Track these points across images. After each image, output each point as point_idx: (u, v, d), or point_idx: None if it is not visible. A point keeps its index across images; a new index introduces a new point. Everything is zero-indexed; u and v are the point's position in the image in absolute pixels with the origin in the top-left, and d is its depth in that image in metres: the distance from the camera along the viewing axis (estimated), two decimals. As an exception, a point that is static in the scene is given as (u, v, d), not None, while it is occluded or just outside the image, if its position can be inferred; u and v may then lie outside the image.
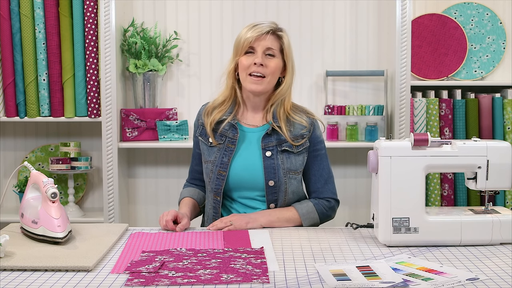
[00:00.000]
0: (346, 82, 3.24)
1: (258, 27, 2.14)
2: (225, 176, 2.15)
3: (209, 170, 2.18)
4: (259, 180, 2.15)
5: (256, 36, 2.12)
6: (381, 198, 1.84)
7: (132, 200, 3.30)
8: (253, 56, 2.13)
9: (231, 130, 2.18)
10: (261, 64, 2.12)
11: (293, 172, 2.17)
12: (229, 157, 2.16)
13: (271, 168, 2.14)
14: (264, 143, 2.16)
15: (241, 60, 2.15)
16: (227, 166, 2.15)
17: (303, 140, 2.18)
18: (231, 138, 2.18)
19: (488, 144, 1.85)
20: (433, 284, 1.48)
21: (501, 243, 1.84)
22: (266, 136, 2.17)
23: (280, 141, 2.16)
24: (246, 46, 2.13)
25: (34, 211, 1.84)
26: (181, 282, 1.48)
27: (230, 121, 2.18)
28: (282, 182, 2.15)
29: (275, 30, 2.16)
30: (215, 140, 2.19)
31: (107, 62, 2.96)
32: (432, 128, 3.04)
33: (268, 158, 2.15)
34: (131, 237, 1.93)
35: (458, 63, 3.13)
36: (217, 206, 2.18)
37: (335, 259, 1.71)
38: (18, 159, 3.28)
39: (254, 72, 2.12)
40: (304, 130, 2.19)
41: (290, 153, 2.17)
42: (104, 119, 2.99)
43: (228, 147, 2.17)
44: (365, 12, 3.21)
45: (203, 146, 2.23)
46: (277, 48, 2.16)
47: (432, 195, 3.06)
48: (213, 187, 2.17)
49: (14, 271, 1.58)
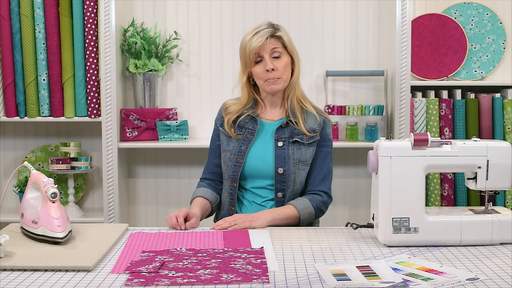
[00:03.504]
0: (346, 82, 3.24)
1: (258, 35, 2.24)
2: (242, 163, 2.27)
3: (227, 158, 2.30)
4: (270, 168, 2.26)
5: (260, 46, 2.24)
6: (381, 198, 1.84)
7: (132, 200, 3.30)
8: (263, 64, 2.25)
9: (251, 122, 2.32)
10: (273, 69, 2.23)
11: (302, 163, 2.27)
12: (247, 146, 2.28)
13: (282, 157, 2.25)
14: (277, 135, 2.29)
15: (254, 71, 2.27)
16: (244, 154, 2.27)
17: (314, 134, 2.29)
18: (250, 129, 2.31)
19: (488, 144, 1.85)
20: (433, 284, 1.48)
21: (501, 243, 1.84)
22: (280, 128, 2.29)
23: (293, 134, 2.28)
24: (254, 57, 2.25)
25: (34, 211, 1.84)
26: (181, 282, 1.48)
27: (250, 114, 2.32)
28: (291, 171, 2.25)
29: (273, 33, 2.27)
30: (234, 132, 2.31)
31: (107, 62, 2.96)
32: (432, 128, 3.04)
33: (279, 147, 2.27)
34: (131, 237, 1.93)
35: (458, 63, 3.13)
36: (233, 192, 2.29)
37: (335, 259, 1.71)
38: (18, 159, 3.28)
39: (270, 78, 2.25)
40: (316, 125, 2.30)
41: (301, 144, 2.27)
42: (104, 119, 2.99)
43: (247, 137, 2.30)
44: (365, 12, 3.21)
45: (223, 137, 2.35)
46: (280, 47, 2.27)
47: (432, 195, 3.06)
48: (230, 174, 2.28)
49: (14, 271, 1.58)
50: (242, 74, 2.31)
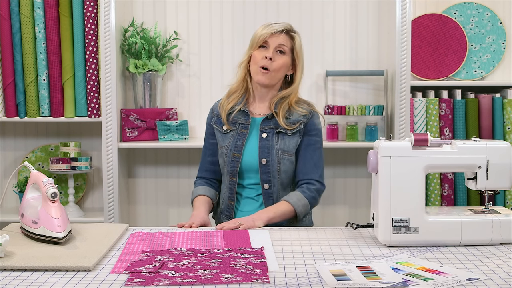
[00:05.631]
0: (346, 82, 3.24)
1: (274, 25, 2.32)
2: (239, 158, 2.30)
3: (224, 154, 2.34)
4: (256, 161, 2.30)
5: (271, 33, 2.30)
6: (381, 198, 1.84)
7: (132, 200, 3.30)
8: (266, 51, 2.29)
9: (243, 117, 2.35)
10: (270, 58, 2.27)
11: (286, 152, 2.30)
12: (243, 140, 2.32)
13: (265, 148, 2.30)
14: (262, 126, 2.33)
15: (254, 54, 2.32)
16: (241, 149, 2.31)
17: (298, 124, 2.31)
18: (243, 124, 2.34)
19: (488, 144, 1.85)
20: (433, 284, 1.48)
21: (501, 243, 1.84)
22: (265, 120, 2.33)
23: (277, 125, 2.32)
24: (261, 41, 2.30)
25: (34, 211, 1.84)
26: (181, 282, 1.48)
27: (241, 108, 2.35)
28: (275, 161, 2.29)
29: (289, 30, 2.33)
30: (229, 126, 2.35)
31: (107, 62, 2.96)
32: (432, 128, 3.04)
33: (263, 139, 2.31)
34: (131, 237, 1.93)
35: (458, 63, 3.13)
36: (233, 187, 2.33)
37: (335, 259, 1.71)
38: (18, 159, 3.28)
39: (263, 66, 2.28)
40: (301, 117, 2.32)
41: (284, 135, 2.31)
42: (104, 119, 2.99)
43: (242, 132, 2.34)
44: (365, 12, 3.21)
45: (218, 134, 2.38)
46: (288, 46, 2.32)
47: (432, 195, 3.06)
48: (229, 169, 2.32)
49: (14, 271, 1.58)
50: (244, 55, 2.37)
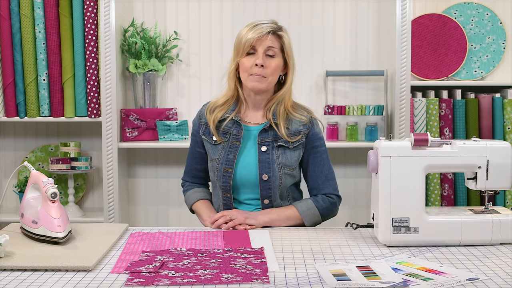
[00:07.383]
0: (346, 82, 3.24)
1: (258, 27, 2.14)
2: (232, 173, 2.16)
3: (215, 168, 2.20)
4: (255, 176, 2.16)
5: (257, 37, 2.13)
6: (381, 198, 1.84)
7: (132, 200, 3.30)
8: (254, 57, 2.14)
9: (235, 127, 2.20)
10: (262, 65, 2.13)
11: (287, 167, 2.17)
12: (235, 154, 2.17)
13: (266, 162, 2.15)
14: (260, 138, 2.17)
15: (243, 61, 2.15)
16: (233, 163, 2.16)
17: (299, 136, 2.18)
18: (235, 135, 2.19)
19: (488, 144, 1.85)
20: (433, 284, 1.48)
21: (501, 243, 1.84)
22: (263, 131, 2.18)
23: (277, 137, 2.17)
24: (248, 47, 2.13)
25: (34, 211, 1.84)
26: (181, 282, 1.48)
27: (233, 117, 2.20)
28: (276, 176, 2.15)
29: (275, 30, 2.17)
30: (219, 137, 2.20)
31: (107, 62, 2.96)
32: (432, 128, 3.04)
33: (263, 152, 2.16)
34: (131, 237, 1.93)
35: (458, 63, 3.13)
36: (229, 202, 2.20)
37: (335, 259, 1.71)
38: (18, 159, 3.28)
39: (255, 73, 2.13)
40: (301, 127, 2.19)
41: (285, 148, 2.17)
42: (104, 119, 2.99)
43: (233, 144, 2.18)
44: (365, 12, 3.21)
45: (208, 145, 2.24)
46: (277, 47, 2.16)
47: (432, 195, 3.06)
48: (221, 184, 2.18)
49: (14, 271, 1.58)
50: (231, 63, 2.20)
